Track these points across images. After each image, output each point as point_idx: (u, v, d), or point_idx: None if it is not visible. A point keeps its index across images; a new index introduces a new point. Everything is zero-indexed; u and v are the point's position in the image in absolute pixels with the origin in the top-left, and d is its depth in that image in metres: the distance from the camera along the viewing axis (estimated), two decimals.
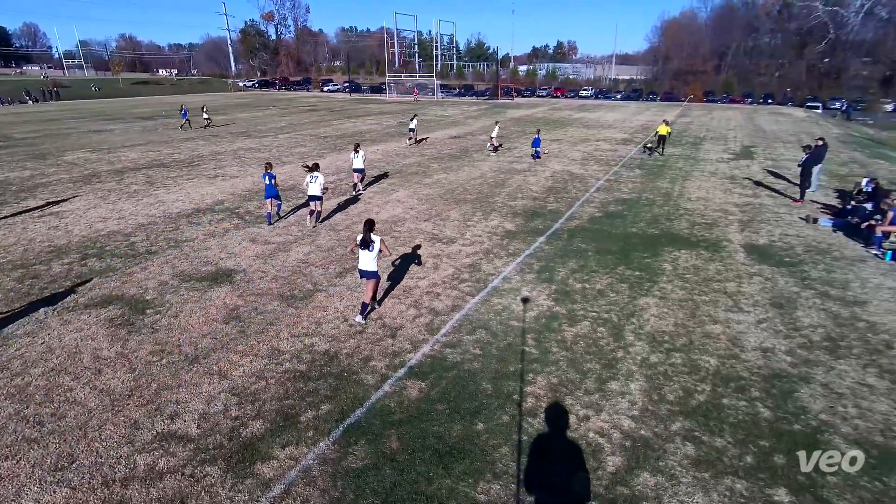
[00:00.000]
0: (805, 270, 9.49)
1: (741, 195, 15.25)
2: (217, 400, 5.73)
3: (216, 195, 14.71)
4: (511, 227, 11.96)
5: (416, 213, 12.95)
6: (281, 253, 10.12)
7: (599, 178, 17.51)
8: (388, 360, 6.48)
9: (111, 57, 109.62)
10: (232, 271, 9.18)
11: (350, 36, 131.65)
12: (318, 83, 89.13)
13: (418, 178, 17.21)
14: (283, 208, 12.83)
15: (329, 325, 7.32)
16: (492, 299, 8.18)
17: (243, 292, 8.33)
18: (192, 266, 9.42)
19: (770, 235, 11.50)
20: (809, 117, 43.81)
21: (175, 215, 12.71)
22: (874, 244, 10.48)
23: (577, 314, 7.73)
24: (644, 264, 9.71)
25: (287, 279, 8.86)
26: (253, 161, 20.09)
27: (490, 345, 6.86)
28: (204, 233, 11.35)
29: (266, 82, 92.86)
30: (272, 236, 11.10)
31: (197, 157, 21.07)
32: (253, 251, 10.20)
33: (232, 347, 6.73)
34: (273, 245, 10.56)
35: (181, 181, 16.55)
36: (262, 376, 6.15)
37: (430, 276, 9.08)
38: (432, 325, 7.37)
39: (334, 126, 32.72)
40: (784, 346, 6.86)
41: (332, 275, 9.08)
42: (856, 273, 9.39)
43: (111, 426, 5.32)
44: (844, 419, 5.50)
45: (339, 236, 11.14)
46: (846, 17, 66.04)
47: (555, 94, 74.37)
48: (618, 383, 6.10)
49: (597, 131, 31.27)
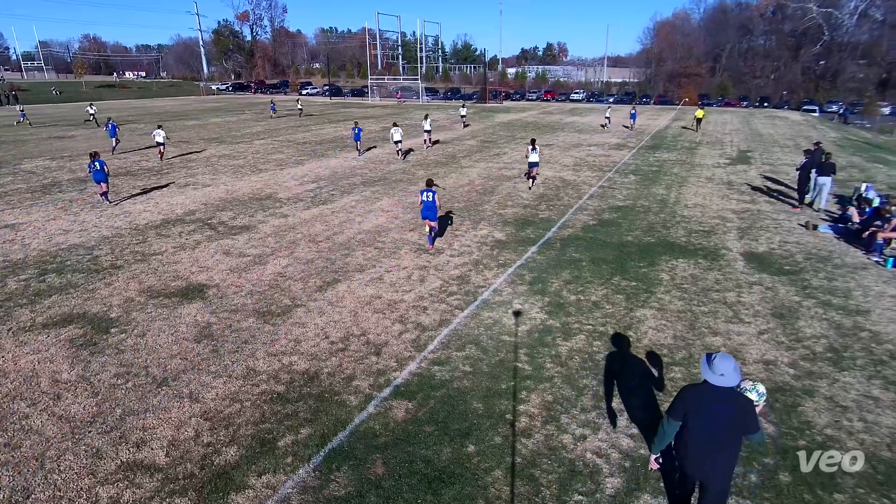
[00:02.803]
0: (806, 279, 9.66)
1: (739, 201, 15.53)
2: (188, 425, 5.61)
3: (187, 205, 14.56)
4: (501, 236, 12.01)
5: (402, 223, 12.94)
6: (257, 266, 10.03)
7: (593, 184, 17.71)
8: (373, 380, 6.43)
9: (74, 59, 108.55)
10: (204, 286, 9.06)
11: (330, 37, 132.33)
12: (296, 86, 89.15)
13: (403, 185, 17.24)
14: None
15: (309, 343, 7.24)
16: (482, 313, 8.18)
17: (216, 309, 8.22)
18: (160, 281, 9.28)
19: (769, 243, 11.71)
20: (806, 121, 44.92)
21: (142, 227, 12.54)
22: (875, 251, 10.72)
23: (571, 327, 7.76)
24: (640, 274, 9.81)
25: (263, 294, 8.77)
26: (227, 169, 19.96)
27: (480, 361, 6.85)
28: (174, 245, 11.21)
29: (241, 85, 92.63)
30: (247, 248, 11.01)
31: (166, 164, 20.87)
32: (226, 264, 10.09)
33: (204, 368, 6.62)
34: (248, 258, 10.47)
35: (150, 190, 16.36)
36: (236, 399, 6.05)
37: (417, 288, 9.06)
38: (419, 341, 7.33)
39: (313, 131, 32.70)
40: (786, 359, 6.95)
41: (311, 289, 9.01)
42: (857, 281, 9.59)
43: (71, 456, 5.18)
44: (850, 434, 5.57)
45: (319, 248, 11.08)
46: (840, 18, 68.18)
47: (545, 97, 75.36)
48: (616, 399, 6.11)
49: (589, 136, 31.68)
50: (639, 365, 6.81)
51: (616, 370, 6.69)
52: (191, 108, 51.02)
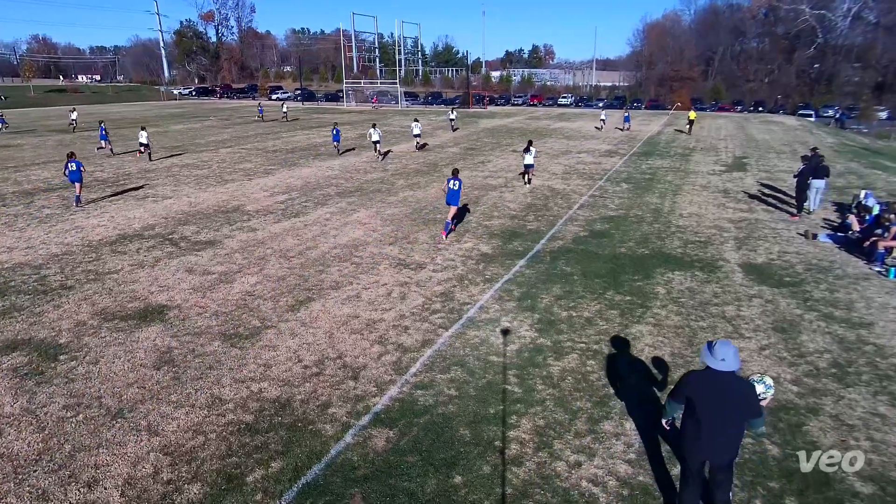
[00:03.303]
0: (807, 291, 9.87)
1: (735, 210, 15.86)
2: (145, 461, 5.47)
3: (146, 219, 14.36)
4: (487, 249, 12.06)
5: (380, 236, 12.93)
6: (223, 284, 9.91)
7: (583, 193, 17.94)
8: (350, 406, 6.35)
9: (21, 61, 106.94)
10: (164, 307, 8.91)
11: (302, 38, 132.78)
12: (265, 90, 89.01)
13: (381, 196, 17.25)
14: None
15: (280, 368, 7.15)
16: (467, 332, 8.17)
17: (178, 332, 8.08)
18: (116, 302, 9.10)
19: (768, 253, 11.96)
20: (802, 126, 46.27)
21: (96, 243, 12.32)
22: (877, 261, 11.02)
23: (563, 346, 7.78)
24: (635, 288, 9.91)
25: (230, 315, 8.66)
26: (189, 179, 19.76)
27: (467, 384, 6.82)
28: (131, 263, 11.02)
29: (205, 90, 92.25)
30: (212, 265, 10.87)
31: (123, 175, 20.60)
32: (189, 283, 9.95)
33: (164, 398, 6.48)
34: (213, 275, 10.33)
35: (104, 203, 16.11)
36: (200, 431, 5.92)
37: (397, 306, 9.02)
38: (400, 363, 7.29)
39: (284, 139, 32.63)
40: (789, 375, 7.06)
41: (283, 308, 8.91)
42: (860, 292, 9.83)
43: (14, 499, 4.99)
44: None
45: (291, 264, 11.00)
46: (834, 20, 70.83)
47: (531, 101, 76.46)
48: (611, 423, 6.13)
49: (578, 142, 32.17)
50: (635, 385, 6.85)
51: (611, 391, 6.71)
52: (150, 115, 50.55)
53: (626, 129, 38.30)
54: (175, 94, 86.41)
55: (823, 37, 71.34)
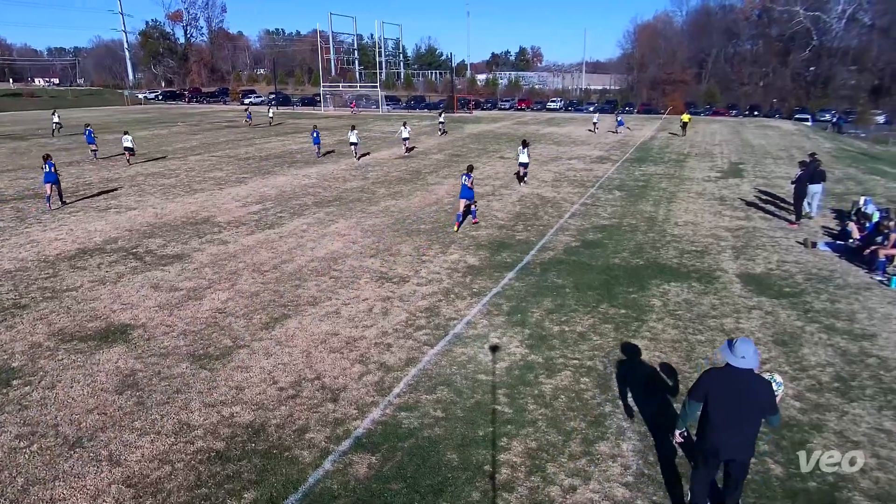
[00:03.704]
0: (807, 301, 10.03)
1: (732, 218, 16.11)
2: (106, 494, 5.34)
3: (108, 232, 14.17)
4: (474, 261, 12.08)
5: (360, 248, 12.90)
6: (191, 301, 9.79)
7: (574, 201, 18.09)
8: (330, 431, 6.28)
9: None
10: (128, 327, 8.77)
11: (276, 40, 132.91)
12: (237, 95, 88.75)
13: (362, 205, 17.23)
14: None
15: (254, 390, 7.05)
16: (454, 349, 8.15)
17: (142, 353, 7.95)
18: (74, 322, 8.94)
19: (767, 263, 12.14)
20: (799, 130, 47.32)
21: (53, 258, 12.11)
22: (878, 269, 11.25)
23: (555, 363, 7.80)
24: (630, 300, 9.99)
25: (199, 334, 8.55)
26: (155, 189, 19.57)
27: (454, 405, 6.79)
28: (91, 279, 10.85)
29: (173, 94, 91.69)
30: (180, 281, 10.74)
31: (84, 184, 20.33)
32: (155, 300, 9.82)
33: (127, 425, 6.35)
34: (181, 292, 10.21)
35: (62, 215, 15.88)
36: (166, 460, 5.80)
37: (379, 323, 8.98)
38: (383, 383, 7.24)
39: (258, 145, 32.53)
40: (791, 391, 7.14)
41: (256, 326, 8.82)
42: (861, 303, 10.01)
43: None
44: (863, 471, 5.73)
45: (265, 279, 10.91)
46: (828, 22, 72.80)
47: (519, 106, 77.18)
48: (607, 444, 6.13)
49: (568, 148, 32.52)
50: (631, 403, 6.87)
51: (606, 409, 6.73)
52: (113, 120, 50.04)
53: (619, 133, 39.97)
54: (140, 99, 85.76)
55: (818, 39, 73.24)
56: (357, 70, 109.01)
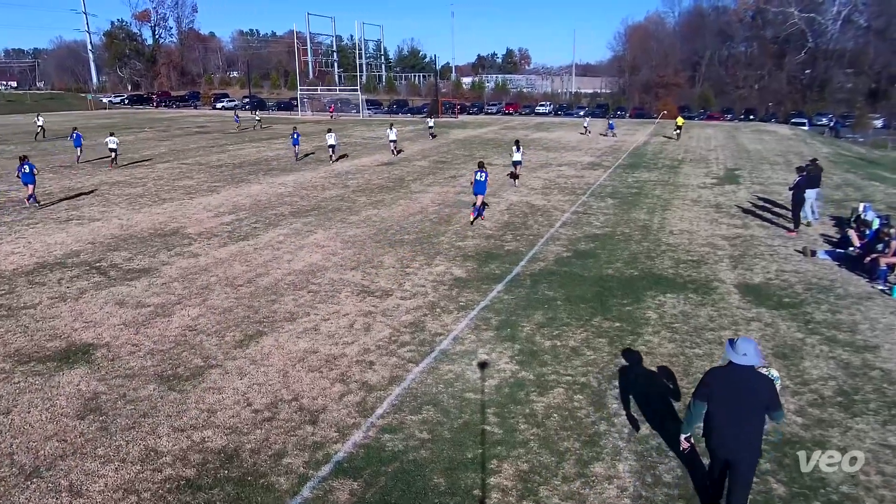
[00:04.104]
0: (808, 312, 10.17)
1: (729, 226, 16.33)
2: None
3: (69, 245, 13.99)
4: (461, 273, 12.09)
5: (340, 260, 12.85)
6: (159, 318, 9.67)
7: (565, 209, 18.22)
8: (308, 455, 6.22)
9: None
10: (90, 346, 8.64)
11: (250, 41, 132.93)
12: (208, 99, 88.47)
13: (342, 215, 17.20)
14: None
15: (226, 413, 6.97)
16: (441, 366, 8.13)
17: (106, 374, 7.83)
18: (32, 342, 8.79)
19: (766, 272, 12.30)
20: (796, 135, 48.23)
21: (10, 273, 11.92)
22: (879, 278, 11.45)
23: (547, 379, 7.80)
24: (625, 313, 10.05)
25: (168, 353, 8.44)
26: (121, 199, 19.38)
27: (441, 426, 6.76)
28: (51, 296, 10.68)
29: (140, 98, 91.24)
30: (147, 297, 10.61)
31: (43, 194, 20.05)
32: (120, 318, 9.69)
33: (89, 452, 6.23)
34: (148, 308, 10.09)
35: (19, 227, 15.64)
36: (132, 489, 5.70)
37: (361, 339, 8.93)
38: (365, 404, 7.19)
39: (231, 152, 32.40)
40: (793, 405, 7.22)
41: (229, 345, 8.74)
42: (863, 313, 10.17)
43: None
44: (868, 489, 5.79)
45: (239, 294, 10.82)
46: (823, 24, 74.60)
47: (507, 110, 77.86)
48: (603, 465, 6.14)
49: (558, 154, 32.81)
50: (627, 421, 6.89)
51: (601, 428, 6.74)
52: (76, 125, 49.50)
53: (609, 136, 41.67)
54: (105, 103, 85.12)
55: (813, 41, 74.97)
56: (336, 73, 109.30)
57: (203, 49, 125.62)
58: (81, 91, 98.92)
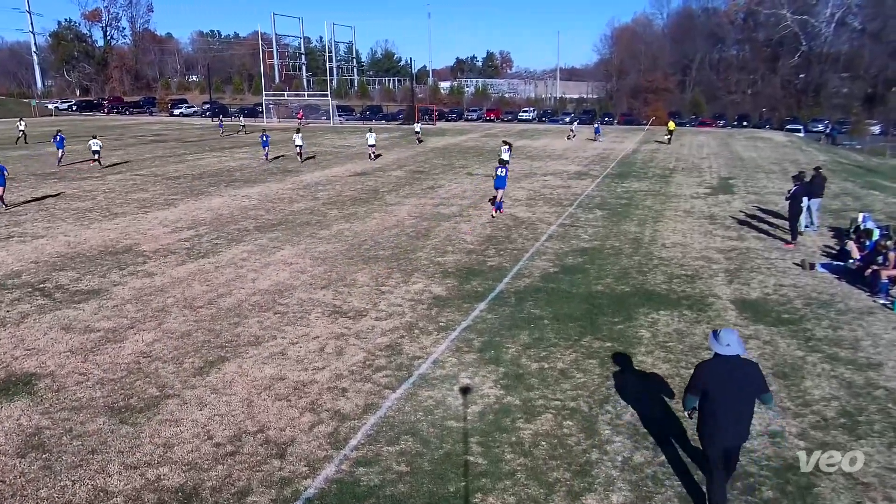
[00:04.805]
0: (808, 329, 10.35)
1: (724, 238, 16.60)
2: None
3: (9, 264, 13.73)
4: (441, 291, 12.10)
5: (310, 278, 12.79)
6: (110, 344, 9.51)
7: (551, 222, 18.37)
8: (275, 493, 6.13)
9: None
10: (32, 376, 8.46)
11: (211, 43, 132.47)
12: (165, 105, 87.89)
13: (311, 229, 17.13)
14: None
15: (185, 448, 6.84)
16: (420, 392, 8.09)
17: (50, 407, 7.66)
18: None
19: (763, 287, 12.51)
20: (791, 142, 49.43)
21: None
22: (881, 292, 11.71)
23: (535, 405, 7.81)
24: (616, 332, 10.12)
25: (120, 383, 8.29)
26: (68, 214, 19.08)
27: (420, 457, 6.72)
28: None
29: (89, 103, 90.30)
30: (97, 321, 10.43)
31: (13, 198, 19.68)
32: (66, 344, 9.51)
33: (31, 494, 6.07)
34: (98, 333, 9.91)
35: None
36: None
37: (333, 364, 8.87)
38: (337, 435, 7.12)
39: (189, 162, 32.19)
40: (795, 428, 7.31)
41: (188, 372, 8.61)
42: (865, 329, 10.38)
43: None
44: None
45: (199, 316, 10.69)
46: (817, 27, 76.84)
47: (488, 116, 78.56)
48: (595, 496, 6.14)
49: (543, 163, 33.17)
50: (621, 448, 6.91)
51: (593, 456, 6.75)
52: (18, 134, 48.71)
53: (597, 140, 44.68)
54: (50, 109, 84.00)
55: (807, 44, 77.15)
56: (305, 77, 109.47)
57: (159, 51, 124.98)
58: (25, 96, 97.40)
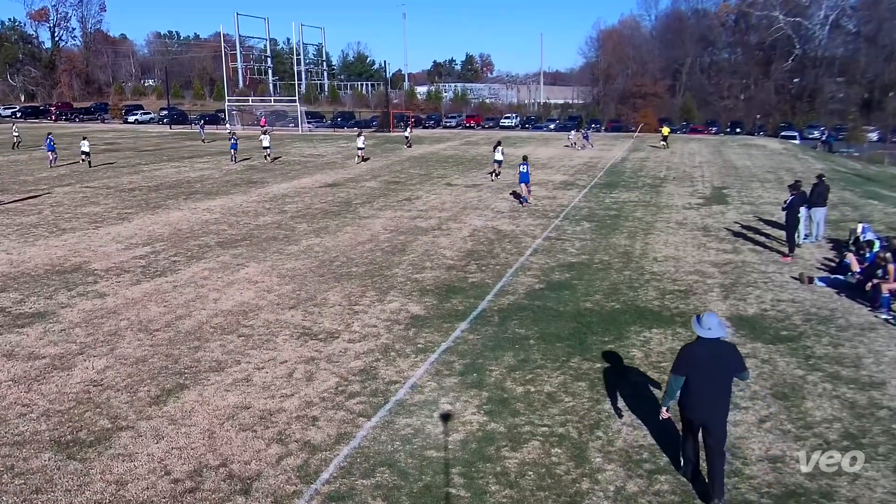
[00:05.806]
0: (808, 346, 10.50)
1: (719, 251, 16.83)
2: None
3: None
4: (419, 310, 12.07)
5: (277, 298, 12.70)
6: (57, 372, 9.33)
7: (537, 235, 18.48)
8: None
9: None
10: None
11: (169, 45, 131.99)
12: (119, 111, 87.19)
13: (278, 244, 17.04)
14: None
15: (139, 485, 6.71)
16: (397, 420, 8.05)
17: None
18: None
19: (760, 302, 12.68)
20: (787, 149, 50.43)
21: None
22: (882, 306, 11.93)
23: (521, 431, 7.80)
24: (606, 352, 10.17)
25: (67, 414, 8.13)
26: (10, 229, 18.78)
27: (398, 490, 6.66)
28: None
29: (35, 110, 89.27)
30: (42, 347, 10.23)
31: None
32: (8, 372, 9.33)
33: None
34: (43, 360, 9.73)
35: None
36: None
37: (302, 391, 8.79)
38: (307, 467, 7.05)
39: (145, 173, 31.93)
40: (796, 452, 7.38)
41: (143, 402, 8.47)
42: (867, 345, 10.56)
43: None
44: None
45: (155, 340, 10.54)
46: (811, 29, 78.90)
47: (467, 123, 79.22)
48: None
49: None
50: (613, 477, 6.92)
51: (584, 486, 6.75)
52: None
53: (587, 146, 47.34)
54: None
55: (801, 47, 79.17)
56: (271, 81, 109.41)
57: (112, 54, 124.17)
58: None
